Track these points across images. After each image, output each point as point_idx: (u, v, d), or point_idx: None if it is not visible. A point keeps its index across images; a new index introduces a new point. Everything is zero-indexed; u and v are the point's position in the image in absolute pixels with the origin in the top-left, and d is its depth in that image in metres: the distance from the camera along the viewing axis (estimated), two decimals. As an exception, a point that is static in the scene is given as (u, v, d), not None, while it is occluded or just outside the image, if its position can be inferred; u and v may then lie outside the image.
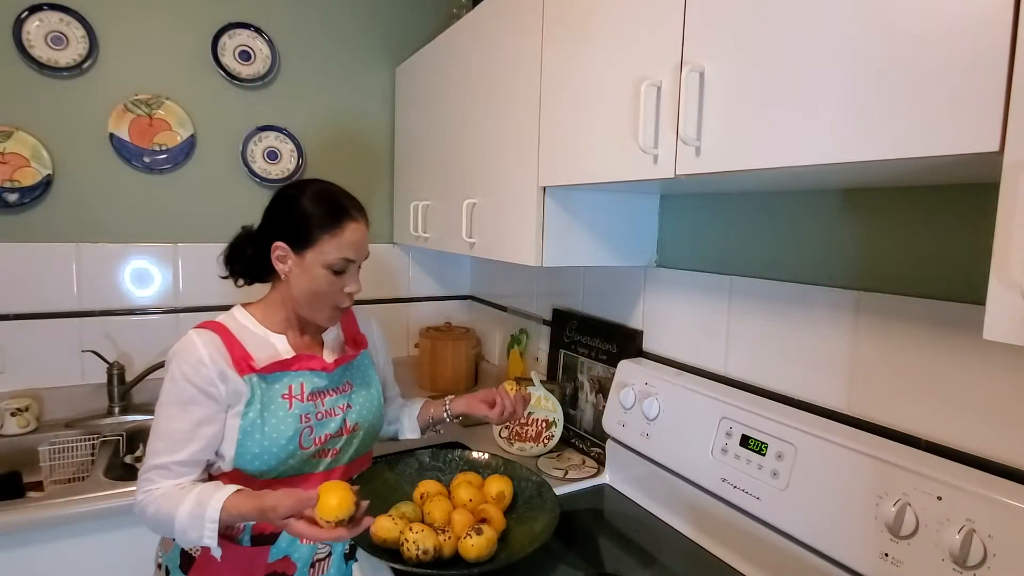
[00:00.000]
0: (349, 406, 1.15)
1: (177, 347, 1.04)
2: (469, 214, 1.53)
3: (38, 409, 1.72)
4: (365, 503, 0.92)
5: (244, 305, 1.14)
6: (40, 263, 1.73)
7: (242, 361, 1.04)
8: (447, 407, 1.28)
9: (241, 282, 1.16)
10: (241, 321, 1.11)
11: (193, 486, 0.98)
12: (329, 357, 1.16)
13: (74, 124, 1.75)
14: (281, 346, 1.11)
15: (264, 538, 1.07)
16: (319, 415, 1.10)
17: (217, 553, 1.05)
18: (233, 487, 0.97)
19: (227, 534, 1.05)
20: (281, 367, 1.07)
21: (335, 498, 0.88)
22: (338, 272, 1.07)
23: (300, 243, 1.06)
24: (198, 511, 0.94)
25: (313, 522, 0.88)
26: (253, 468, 1.04)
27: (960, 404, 0.87)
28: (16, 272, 1.71)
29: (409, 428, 1.33)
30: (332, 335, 1.21)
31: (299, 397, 1.08)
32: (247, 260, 1.14)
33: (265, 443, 1.03)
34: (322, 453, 1.11)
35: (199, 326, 1.06)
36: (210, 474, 1.07)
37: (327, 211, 1.06)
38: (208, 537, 0.93)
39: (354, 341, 1.23)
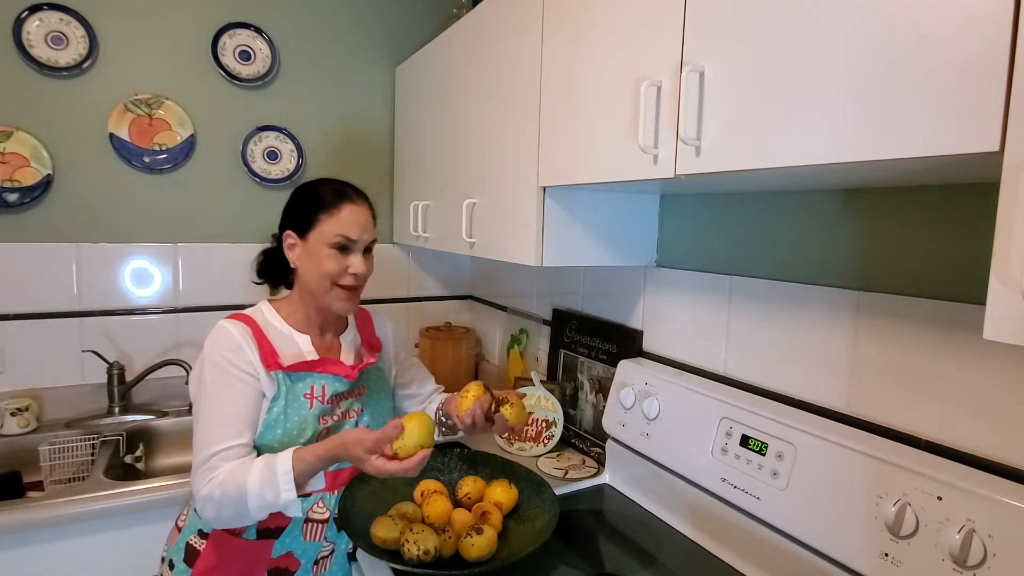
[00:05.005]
0: (362, 410, 1.17)
1: (212, 338, 1.05)
2: (469, 214, 1.53)
3: (38, 409, 1.72)
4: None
5: (271, 301, 1.17)
6: (40, 263, 1.73)
7: (269, 357, 1.06)
8: (440, 410, 1.27)
9: (261, 281, 1.23)
10: (268, 318, 1.13)
11: (253, 459, 1.00)
12: (347, 359, 1.18)
13: (74, 124, 1.75)
14: (305, 346, 1.13)
15: (270, 532, 1.07)
16: (335, 416, 1.12)
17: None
18: (296, 446, 1.01)
19: (234, 531, 1.05)
20: (306, 367, 1.09)
21: (415, 424, 0.96)
22: (341, 251, 1.09)
23: (304, 228, 1.11)
24: (267, 472, 0.96)
25: (392, 457, 0.93)
26: None
27: (960, 404, 0.87)
28: (16, 272, 1.71)
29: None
30: (349, 337, 1.23)
31: (320, 398, 1.10)
32: (270, 261, 1.20)
33: (285, 439, 1.05)
34: None
35: (230, 317, 1.09)
36: None
37: (325, 194, 1.12)
38: (285, 490, 0.94)
39: (370, 344, 1.25)
